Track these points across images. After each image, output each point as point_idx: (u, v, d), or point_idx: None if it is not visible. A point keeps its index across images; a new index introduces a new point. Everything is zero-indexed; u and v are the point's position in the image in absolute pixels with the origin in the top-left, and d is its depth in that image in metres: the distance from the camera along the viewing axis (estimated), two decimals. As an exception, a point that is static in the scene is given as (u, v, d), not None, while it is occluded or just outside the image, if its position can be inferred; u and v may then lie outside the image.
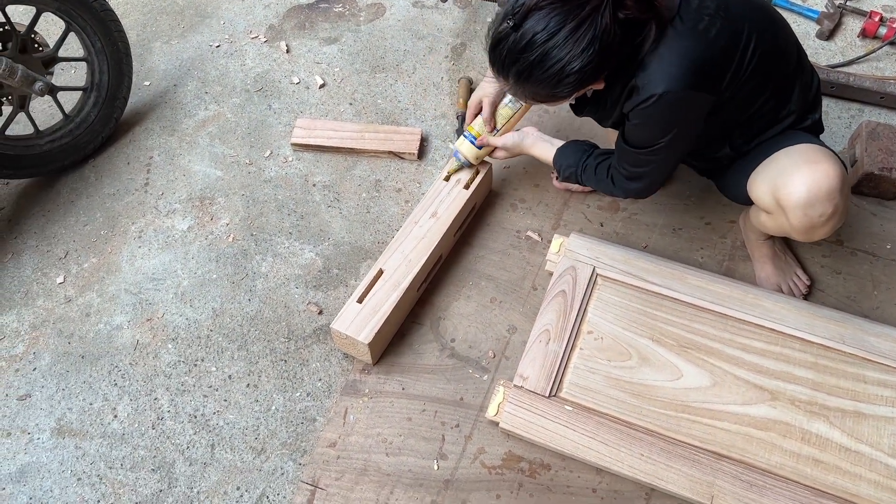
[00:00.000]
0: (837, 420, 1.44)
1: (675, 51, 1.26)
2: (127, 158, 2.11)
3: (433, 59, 2.30)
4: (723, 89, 1.32)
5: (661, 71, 1.26)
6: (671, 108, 1.30)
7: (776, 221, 1.46)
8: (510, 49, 1.23)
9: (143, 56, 2.36)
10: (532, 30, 1.20)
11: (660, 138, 1.37)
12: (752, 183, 1.47)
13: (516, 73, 1.26)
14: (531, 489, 1.45)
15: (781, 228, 1.47)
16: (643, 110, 1.32)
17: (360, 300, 1.59)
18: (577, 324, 1.57)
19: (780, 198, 1.37)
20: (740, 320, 1.56)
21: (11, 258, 1.91)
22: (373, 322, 1.55)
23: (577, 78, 1.23)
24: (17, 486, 1.53)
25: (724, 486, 1.37)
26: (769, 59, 1.35)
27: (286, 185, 2.02)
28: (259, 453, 1.55)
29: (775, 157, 1.43)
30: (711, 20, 1.27)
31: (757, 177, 1.46)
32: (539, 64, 1.22)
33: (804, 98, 1.47)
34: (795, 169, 1.36)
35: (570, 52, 1.19)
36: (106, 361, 1.70)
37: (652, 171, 1.48)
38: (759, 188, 1.44)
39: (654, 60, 1.27)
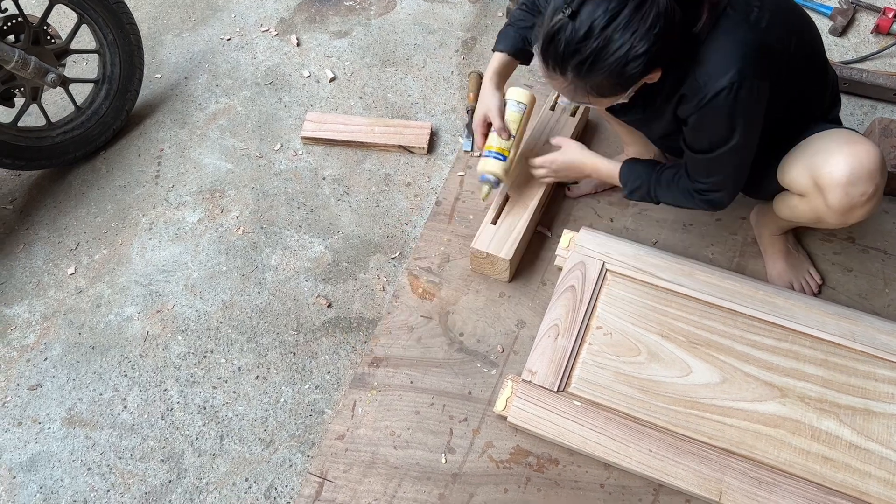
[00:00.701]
0: (847, 418, 1.43)
1: (735, 41, 1.22)
2: (138, 151, 2.11)
3: (443, 54, 2.30)
4: (776, 80, 1.29)
5: (724, 62, 1.21)
6: (740, 99, 1.24)
7: (811, 204, 1.41)
8: (568, 40, 1.16)
9: (154, 49, 2.37)
10: (591, 15, 1.13)
11: (732, 135, 1.30)
12: (786, 167, 1.44)
13: (577, 66, 1.18)
14: (539, 483, 1.45)
15: (816, 212, 1.42)
16: (711, 107, 1.26)
17: (493, 222, 1.69)
18: (586, 319, 1.57)
19: (819, 177, 1.34)
20: (750, 317, 1.55)
21: (23, 249, 1.92)
22: (510, 240, 1.66)
23: (644, 61, 1.16)
24: (28, 475, 1.55)
25: (733, 483, 1.37)
26: (807, 53, 1.34)
27: (296, 178, 2.02)
28: (268, 445, 1.56)
29: (809, 141, 1.40)
30: (760, 11, 1.24)
31: (790, 160, 1.42)
32: (602, 50, 1.15)
33: (830, 93, 1.47)
34: (836, 149, 1.33)
35: (635, 33, 1.13)
36: (116, 352, 1.71)
37: (730, 174, 1.39)
38: (795, 170, 1.41)
39: (713, 53, 1.23)
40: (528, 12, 1.59)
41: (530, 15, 1.59)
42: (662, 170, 1.50)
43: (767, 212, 1.67)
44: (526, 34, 1.58)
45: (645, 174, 1.51)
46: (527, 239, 1.74)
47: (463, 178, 1.90)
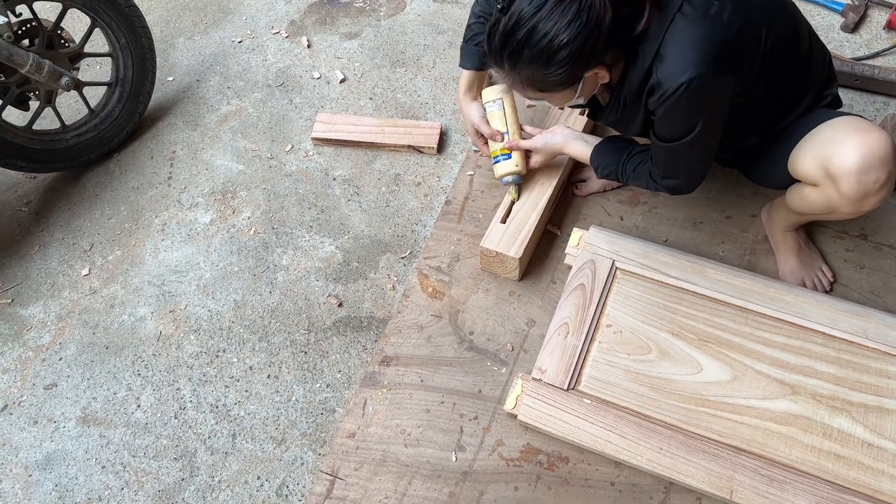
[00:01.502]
0: (860, 415, 1.43)
1: (692, 36, 1.24)
2: (151, 153, 2.13)
3: (453, 54, 2.30)
4: (744, 73, 1.30)
5: (682, 59, 1.24)
6: (698, 94, 1.27)
7: (823, 194, 1.41)
8: (501, 32, 1.23)
9: (166, 52, 2.39)
10: (519, 7, 1.20)
11: (691, 129, 1.34)
12: (796, 158, 1.44)
13: (509, 56, 1.24)
14: (549, 482, 1.45)
15: (829, 202, 1.41)
16: (670, 101, 1.29)
17: (503, 220, 1.69)
18: (596, 317, 1.57)
19: (831, 166, 1.33)
20: (761, 314, 1.55)
21: (38, 250, 1.94)
22: (520, 238, 1.66)
23: (567, 54, 1.20)
24: (44, 473, 1.56)
25: (744, 481, 1.36)
26: (784, 40, 1.34)
27: (307, 179, 2.03)
28: (279, 443, 1.57)
29: (818, 131, 1.40)
30: (721, 4, 1.25)
31: (800, 151, 1.42)
32: (528, 41, 1.21)
33: (819, 74, 1.46)
34: (845, 137, 1.33)
35: (556, 25, 1.18)
36: (130, 352, 1.73)
37: (689, 164, 1.44)
38: (805, 161, 1.41)
39: (671, 49, 1.25)
40: (482, 24, 1.64)
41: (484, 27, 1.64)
42: (632, 154, 1.55)
43: (779, 208, 1.66)
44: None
45: (614, 159, 1.57)
46: (536, 237, 1.74)
47: (472, 177, 1.90)
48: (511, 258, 1.65)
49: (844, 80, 2.06)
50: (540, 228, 1.75)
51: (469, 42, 1.67)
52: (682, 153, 1.41)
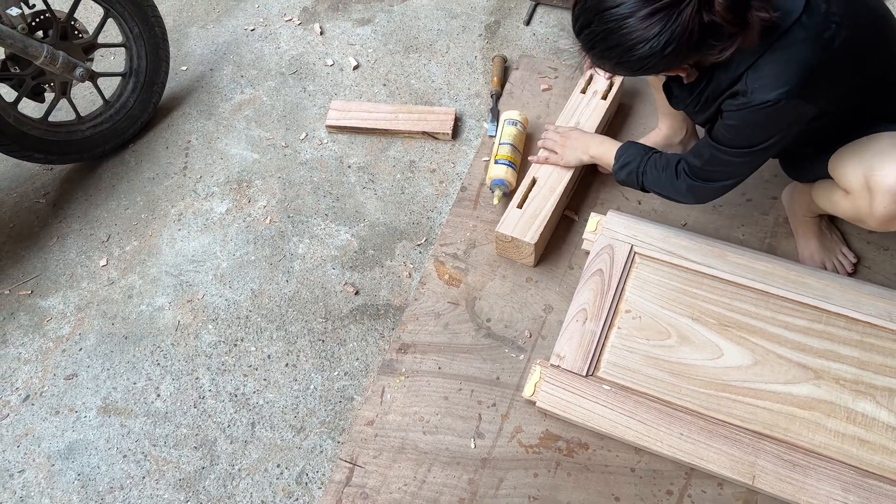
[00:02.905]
0: (885, 399, 1.41)
1: (797, 59, 1.18)
2: (166, 143, 2.14)
3: (467, 38, 2.28)
4: (830, 100, 1.26)
5: (777, 76, 1.18)
6: (779, 115, 1.22)
7: (853, 203, 1.36)
8: (588, 8, 1.16)
9: (179, 41, 2.39)
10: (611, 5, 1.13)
11: (754, 144, 1.29)
12: (840, 159, 1.38)
13: (587, 37, 1.19)
14: (569, 468, 1.45)
15: (856, 211, 1.37)
16: (748, 111, 1.24)
17: (519, 206, 1.69)
18: (614, 303, 1.55)
19: (872, 178, 1.28)
20: (783, 298, 1.53)
21: (57, 242, 1.95)
22: (535, 224, 1.65)
23: (640, 66, 1.16)
24: (66, 463, 1.58)
25: (767, 466, 1.35)
26: (878, 73, 1.29)
27: (321, 167, 2.03)
28: (298, 431, 1.58)
29: (872, 139, 1.34)
30: (838, 29, 1.18)
31: (846, 154, 1.37)
32: (606, 36, 1.15)
33: None
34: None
35: (637, 35, 1.12)
36: (148, 342, 1.74)
37: (729, 174, 1.39)
38: (848, 166, 1.35)
39: (771, 64, 1.19)
40: None
41: None
42: (656, 152, 1.53)
43: (802, 192, 1.63)
44: None
45: (639, 153, 1.54)
46: (553, 223, 1.73)
47: (487, 163, 1.89)
48: (527, 244, 1.64)
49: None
50: (557, 214, 1.74)
51: None
52: (728, 161, 1.36)
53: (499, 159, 1.81)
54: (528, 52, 2.20)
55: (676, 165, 1.46)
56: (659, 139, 1.80)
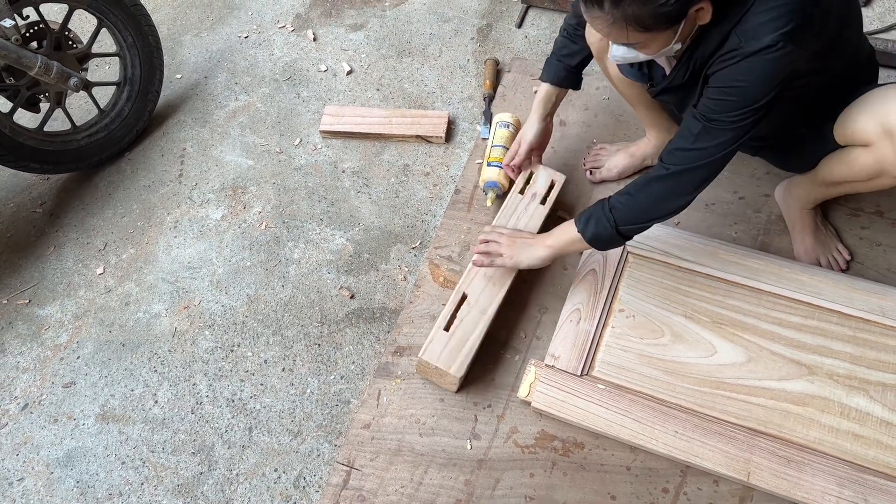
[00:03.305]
0: (878, 394, 1.41)
1: (780, 4, 1.17)
2: (161, 151, 2.15)
3: (459, 42, 2.29)
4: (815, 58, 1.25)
5: (767, 24, 1.17)
6: (774, 64, 1.18)
7: (876, 154, 1.34)
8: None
9: (173, 49, 2.40)
10: None
11: (749, 103, 1.22)
12: (849, 118, 1.37)
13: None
14: (565, 468, 1.45)
15: (880, 163, 1.35)
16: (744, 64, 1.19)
17: (446, 328, 1.53)
18: (608, 302, 1.56)
19: (890, 121, 1.28)
20: (776, 295, 1.53)
21: (54, 251, 1.96)
22: (463, 353, 1.50)
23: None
24: (65, 471, 1.58)
25: (761, 463, 1.35)
26: (845, 27, 1.30)
27: (316, 172, 2.04)
28: (295, 435, 1.58)
29: (874, 93, 1.35)
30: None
31: (853, 112, 1.37)
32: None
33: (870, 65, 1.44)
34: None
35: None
36: (146, 349, 1.75)
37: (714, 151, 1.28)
38: (861, 118, 1.34)
39: (757, 15, 1.18)
40: (568, 38, 1.62)
41: (571, 42, 1.61)
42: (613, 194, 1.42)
43: (801, 184, 1.64)
44: (568, 62, 1.63)
45: (598, 204, 1.41)
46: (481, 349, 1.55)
47: (481, 165, 1.90)
48: (451, 376, 1.49)
49: (857, 55, 2.03)
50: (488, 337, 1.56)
51: (553, 56, 1.65)
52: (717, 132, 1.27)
53: (491, 161, 1.82)
54: (520, 55, 2.21)
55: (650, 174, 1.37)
56: (649, 148, 1.81)
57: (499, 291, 1.58)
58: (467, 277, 1.60)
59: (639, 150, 1.82)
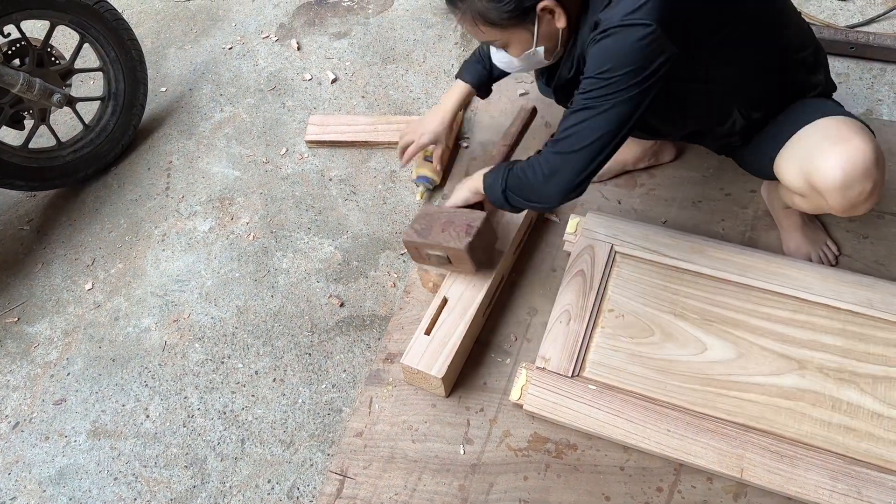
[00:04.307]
0: (869, 386, 1.41)
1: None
2: (147, 164, 2.14)
3: (443, 47, 2.30)
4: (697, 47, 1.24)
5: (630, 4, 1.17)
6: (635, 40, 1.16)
7: (812, 203, 1.38)
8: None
9: (158, 63, 2.40)
10: None
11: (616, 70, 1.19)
12: (780, 166, 1.40)
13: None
14: (558, 470, 1.45)
15: (819, 208, 1.38)
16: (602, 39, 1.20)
17: (427, 332, 1.53)
18: (597, 302, 1.56)
19: (813, 182, 1.30)
20: (764, 290, 1.54)
21: (42, 268, 1.96)
22: (444, 355, 1.50)
23: None
24: (57, 488, 1.57)
25: (754, 458, 1.35)
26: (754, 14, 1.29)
27: (303, 181, 2.03)
28: (288, 446, 1.57)
29: (799, 137, 1.35)
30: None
31: (783, 159, 1.38)
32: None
33: (802, 59, 1.42)
34: (826, 149, 1.28)
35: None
36: (136, 363, 1.74)
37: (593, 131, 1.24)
38: (789, 172, 1.37)
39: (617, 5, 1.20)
40: None
41: None
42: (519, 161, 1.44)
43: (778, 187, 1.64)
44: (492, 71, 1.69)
45: (502, 167, 1.46)
46: (464, 351, 1.56)
47: (468, 169, 1.90)
48: (433, 377, 1.49)
49: (839, 49, 2.04)
50: (470, 338, 1.58)
51: (477, 62, 1.70)
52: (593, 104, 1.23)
53: (427, 156, 1.90)
54: (504, 58, 2.21)
55: (540, 151, 1.38)
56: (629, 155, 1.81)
57: (478, 293, 1.57)
58: (447, 282, 1.60)
59: (620, 155, 1.82)
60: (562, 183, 1.31)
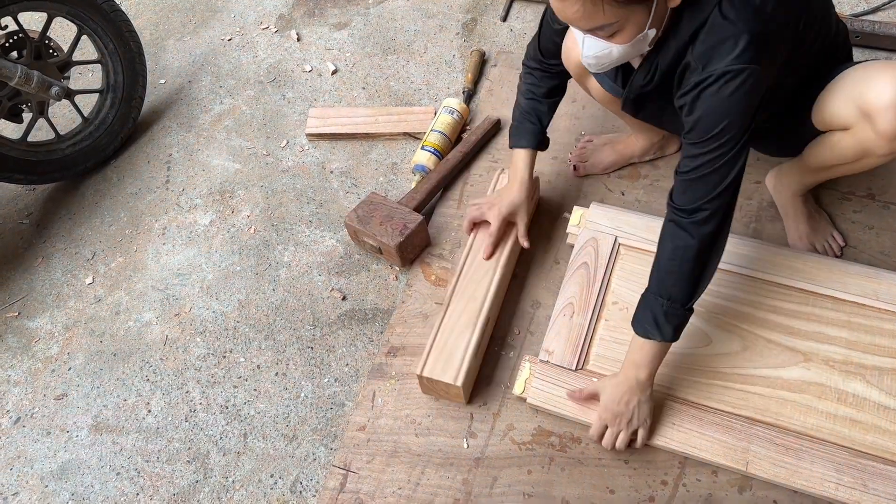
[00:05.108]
0: (875, 378, 1.40)
1: (732, 23, 1.14)
2: (147, 157, 2.13)
3: (444, 37, 2.28)
4: (778, 63, 1.23)
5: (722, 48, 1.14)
6: (748, 88, 1.15)
7: (857, 136, 1.34)
8: None
9: (157, 55, 2.38)
10: None
11: (734, 125, 1.18)
12: (824, 103, 1.37)
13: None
14: (562, 463, 1.44)
15: (862, 144, 1.34)
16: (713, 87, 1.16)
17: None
18: (601, 295, 1.55)
19: (866, 103, 1.28)
20: (769, 282, 1.52)
21: (42, 262, 1.95)
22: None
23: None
24: (60, 483, 1.57)
25: (760, 451, 1.34)
26: (817, 30, 1.29)
27: (304, 173, 2.02)
28: (291, 440, 1.57)
29: (845, 74, 1.35)
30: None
31: (829, 96, 1.36)
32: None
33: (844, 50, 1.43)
34: (878, 74, 1.27)
35: None
36: (137, 358, 1.73)
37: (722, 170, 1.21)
38: (836, 103, 1.34)
39: (711, 35, 1.16)
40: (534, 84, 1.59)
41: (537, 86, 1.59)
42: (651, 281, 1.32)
43: (791, 171, 1.63)
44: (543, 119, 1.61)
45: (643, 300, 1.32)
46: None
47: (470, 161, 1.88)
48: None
49: (844, 38, 2.01)
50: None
51: (524, 121, 1.60)
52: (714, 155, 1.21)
53: (426, 145, 1.91)
54: (505, 49, 2.19)
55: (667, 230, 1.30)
56: (636, 148, 1.80)
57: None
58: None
59: (627, 149, 1.81)
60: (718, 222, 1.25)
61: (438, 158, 1.90)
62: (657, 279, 1.29)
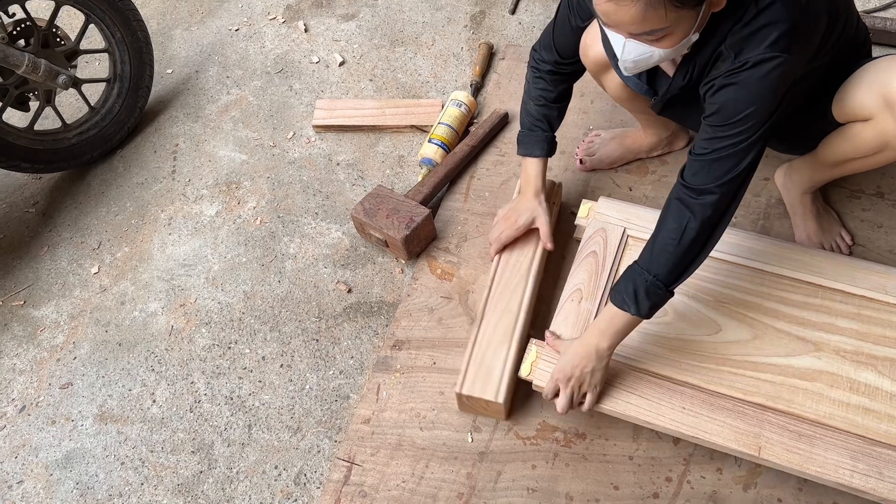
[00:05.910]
0: (886, 369, 1.39)
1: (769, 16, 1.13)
2: (153, 147, 2.12)
3: (452, 30, 2.26)
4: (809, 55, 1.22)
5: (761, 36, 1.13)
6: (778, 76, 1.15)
7: (878, 127, 1.32)
8: None
9: (164, 44, 2.38)
10: None
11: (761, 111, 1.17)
12: (846, 94, 1.36)
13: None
14: (567, 458, 1.43)
15: (883, 136, 1.32)
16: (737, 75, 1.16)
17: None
18: (609, 282, 1.53)
19: (890, 93, 1.26)
20: (778, 275, 1.51)
21: (47, 251, 1.94)
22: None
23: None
24: (64, 472, 1.57)
25: (772, 437, 1.32)
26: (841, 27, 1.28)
27: (310, 165, 2.01)
28: (295, 432, 1.56)
29: (867, 67, 1.34)
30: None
31: (851, 87, 1.35)
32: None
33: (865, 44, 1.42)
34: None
35: None
36: (142, 348, 1.73)
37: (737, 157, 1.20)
38: (859, 93, 1.33)
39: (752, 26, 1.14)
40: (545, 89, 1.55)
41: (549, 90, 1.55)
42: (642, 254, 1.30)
43: (801, 167, 1.61)
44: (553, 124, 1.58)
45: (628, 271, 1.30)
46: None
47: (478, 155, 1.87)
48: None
49: (856, 32, 2.00)
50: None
51: (535, 128, 1.58)
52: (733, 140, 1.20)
53: (433, 138, 1.90)
54: (514, 42, 2.18)
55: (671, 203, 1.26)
56: (644, 143, 1.78)
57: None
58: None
59: (634, 144, 1.80)
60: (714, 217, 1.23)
61: (445, 151, 1.89)
62: (649, 254, 1.26)
